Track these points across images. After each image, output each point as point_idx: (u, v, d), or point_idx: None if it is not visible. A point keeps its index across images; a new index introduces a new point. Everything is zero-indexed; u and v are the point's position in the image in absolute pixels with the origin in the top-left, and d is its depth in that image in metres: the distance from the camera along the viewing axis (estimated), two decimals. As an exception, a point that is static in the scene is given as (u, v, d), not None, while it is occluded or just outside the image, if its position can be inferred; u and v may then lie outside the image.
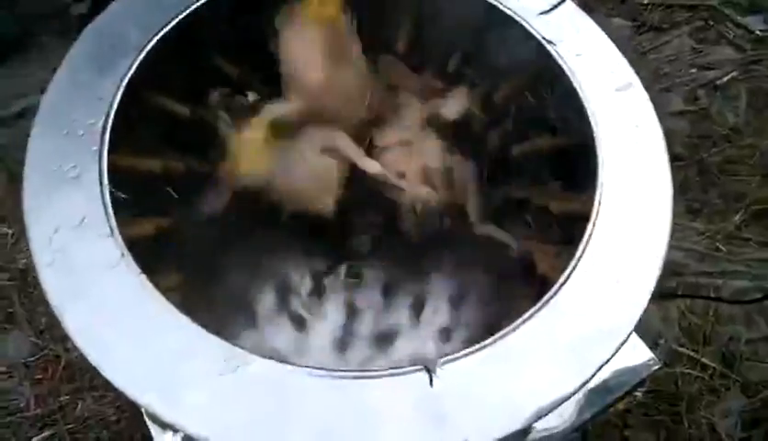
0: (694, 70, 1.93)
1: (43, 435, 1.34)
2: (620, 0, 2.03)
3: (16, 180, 1.53)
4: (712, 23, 2.02)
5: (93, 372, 0.48)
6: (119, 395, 0.48)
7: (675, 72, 1.92)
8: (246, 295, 0.80)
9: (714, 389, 1.44)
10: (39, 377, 1.40)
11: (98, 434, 1.34)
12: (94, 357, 0.48)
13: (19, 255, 1.49)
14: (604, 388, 0.93)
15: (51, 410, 1.36)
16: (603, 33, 0.70)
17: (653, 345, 0.94)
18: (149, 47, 0.66)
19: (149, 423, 0.83)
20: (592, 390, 0.93)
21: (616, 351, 0.52)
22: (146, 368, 0.48)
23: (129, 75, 0.64)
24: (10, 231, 1.53)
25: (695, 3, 2.06)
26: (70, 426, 1.35)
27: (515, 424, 0.48)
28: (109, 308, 0.51)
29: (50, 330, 1.44)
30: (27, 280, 1.47)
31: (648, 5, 2.03)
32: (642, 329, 0.97)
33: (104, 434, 1.34)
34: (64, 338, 1.42)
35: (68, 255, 0.52)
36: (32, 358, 1.42)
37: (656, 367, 0.92)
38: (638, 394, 1.48)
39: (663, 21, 2.01)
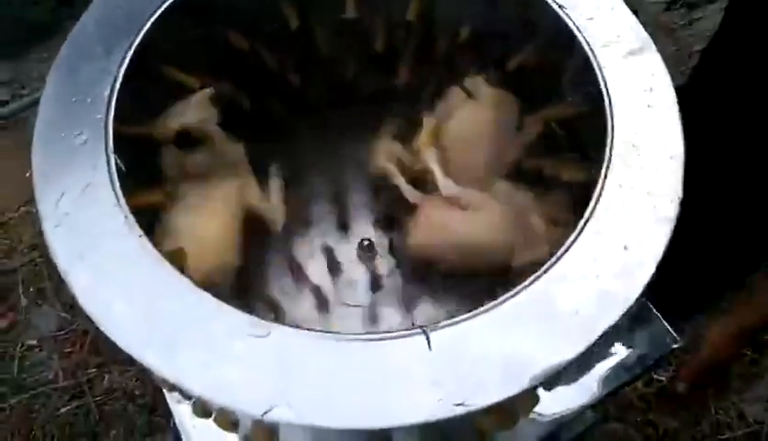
0: (727, 47, 1.86)
1: (71, 406, 1.38)
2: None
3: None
4: (748, -3, 1.94)
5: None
6: (136, 365, 0.48)
7: (709, 48, 1.86)
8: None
9: (743, 374, 1.41)
10: (68, 350, 1.45)
11: (124, 405, 1.38)
12: (96, 316, 0.49)
13: (49, 233, 1.54)
14: (621, 365, 0.92)
15: (79, 382, 1.40)
16: (616, -5, 0.67)
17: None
18: (156, 16, 0.66)
19: (165, 392, 0.85)
20: (609, 368, 0.92)
21: (621, 318, 0.50)
22: (146, 327, 0.49)
23: (136, 44, 0.64)
24: (40, 210, 1.58)
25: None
26: (97, 398, 1.39)
27: (513, 388, 0.47)
28: (112, 269, 0.51)
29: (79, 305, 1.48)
30: (56, 257, 1.52)
31: (680, -20, 1.97)
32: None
33: (129, 406, 1.37)
34: (92, 313, 1.47)
35: (73, 219, 0.53)
36: (61, 332, 1.46)
37: (675, 345, 0.90)
38: (663, 378, 1.46)
39: (696, -3, 1.95)
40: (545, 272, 0.52)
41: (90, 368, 1.42)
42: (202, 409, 0.65)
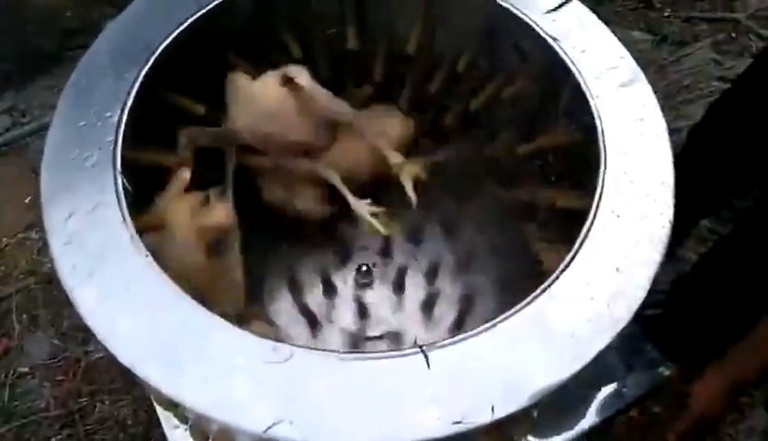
0: (716, 82, 1.92)
1: (62, 435, 1.36)
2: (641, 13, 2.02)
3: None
4: (735, 35, 2.00)
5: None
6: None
7: (697, 83, 1.90)
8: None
9: (737, 406, 1.40)
10: (60, 378, 1.43)
11: (116, 434, 1.35)
12: (100, 333, 0.50)
13: (46, 259, 1.53)
14: (616, 393, 0.92)
15: (70, 411, 1.38)
16: (607, 30, 0.70)
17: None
18: (165, 45, 0.69)
19: (161, 416, 0.85)
20: (605, 395, 0.92)
21: (613, 340, 0.51)
22: (150, 344, 0.49)
23: (144, 72, 0.66)
24: (37, 236, 1.58)
25: (718, 16, 2.05)
26: (88, 427, 1.37)
27: (512, 407, 0.48)
28: (118, 287, 0.52)
29: (73, 332, 1.47)
30: (52, 284, 1.51)
31: (668, 17, 2.02)
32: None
33: (120, 435, 1.35)
34: (85, 341, 1.46)
35: (81, 238, 0.55)
36: (54, 360, 1.45)
37: (668, 372, 0.91)
38: (658, 409, 1.45)
39: (685, 34, 2.00)
40: (540, 294, 0.54)
41: (82, 397, 1.40)
42: (200, 433, 0.65)
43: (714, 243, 1.17)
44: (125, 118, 0.63)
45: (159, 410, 0.83)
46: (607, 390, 0.93)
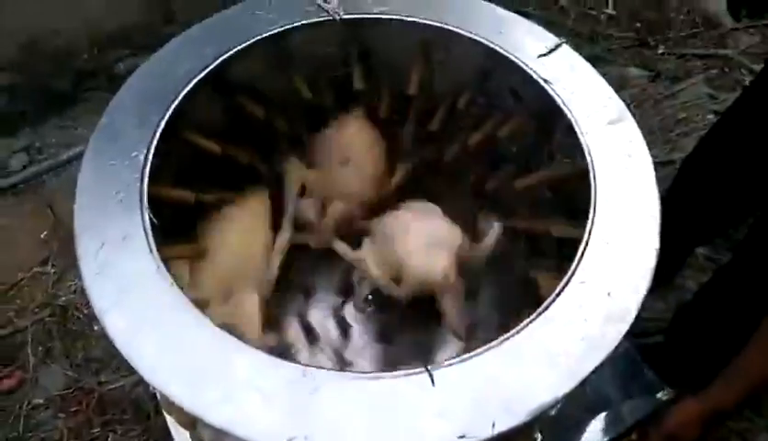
0: (711, 116, 1.97)
1: (75, 466, 1.38)
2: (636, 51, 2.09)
3: (61, 224, 1.65)
4: (727, 70, 2.07)
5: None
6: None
7: (692, 117, 1.96)
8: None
9: (740, 432, 1.42)
10: (74, 409, 1.46)
11: (127, 466, 1.38)
12: (130, 356, 0.54)
13: (60, 293, 1.58)
14: (617, 417, 0.95)
15: (83, 441, 1.41)
16: (595, 72, 0.76)
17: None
18: (185, 91, 0.74)
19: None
20: (606, 419, 0.95)
21: (604, 360, 0.55)
22: (174, 366, 0.53)
23: (168, 115, 0.72)
24: (53, 271, 1.63)
25: (710, 53, 2.12)
26: (101, 459, 1.39)
27: (510, 422, 0.51)
28: (145, 314, 0.57)
29: (86, 364, 1.50)
30: (66, 316, 1.55)
31: (663, 54, 2.10)
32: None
33: (132, 466, 1.38)
34: (99, 371, 1.49)
35: (111, 267, 0.59)
36: (68, 391, 1.48)
37: (666, 397, 0.93)
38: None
39: (678, 70, 2.07)
40: (537, 316, 0.58)
41: (94, 428, 1.43)
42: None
43: (714, 272, 1.20)
44: (150, 157, 0.68)
45: (174, 435, 0.87)
46: (607, 414, 0.96)
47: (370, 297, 0.90)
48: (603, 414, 0.96)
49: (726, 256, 1.54)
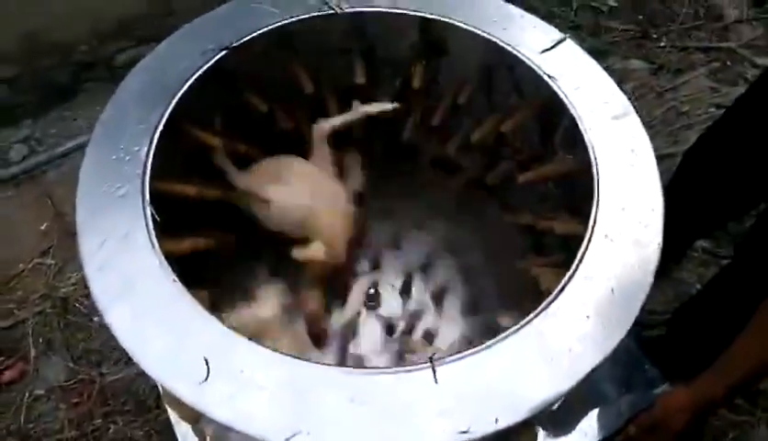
0: (713, 109, 1.97)
1: (77, 458, 1.39)
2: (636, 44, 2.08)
3: (61, 216, 1.65)
4: (730, 63, 2.07)
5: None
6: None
7: (695, 110, 1.96)
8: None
9: (738, 425, 1.42)
10: (75, 401, 1.46)
11: (129, 457, 1.38)
12: (133, 351, 0.54)
13: (61, 284, 1.58)
14: (616, 410, 0.95)
15: (85, 433, 1.41)
16: (599, 67, 0.75)
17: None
18: (187, 85, 0.74)
19: (178, 435, 0.88)
20: (605, 413, 0.95)
21: (608, 356, 0.55)
22: (178, 361, 0.53)
23: (169, 109, 0.71)
24: (53, 262, 1.62)
25: (713, 46, 2.11)
26: (102, 449, 1.40)
27: (513, 418, 0.51)
28: (148, 309, 0.57)
29: (87, 355, 1.50)
30: (67, 308, 1.55)
31: (665, 47, 2.09)
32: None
33: (134, 458, 1.38)
34: (99, 363, 1.49)
35: (114, 263, 0.59)
36: (69, 382, 1.48)
37: (663, 386, 0.94)
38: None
39: (681, 63, 2.06)
40: (540, 313, 0.58)
41: (96, 419, 1.43)
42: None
43: (720, 269, 1.20)
44: (152, 151, 0.68)
45: (176, 428, 0.87)
46: (608, 409, 0.96)
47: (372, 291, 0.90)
48: (601, 408, 0.96)
49: (726, 249, 1.55)
